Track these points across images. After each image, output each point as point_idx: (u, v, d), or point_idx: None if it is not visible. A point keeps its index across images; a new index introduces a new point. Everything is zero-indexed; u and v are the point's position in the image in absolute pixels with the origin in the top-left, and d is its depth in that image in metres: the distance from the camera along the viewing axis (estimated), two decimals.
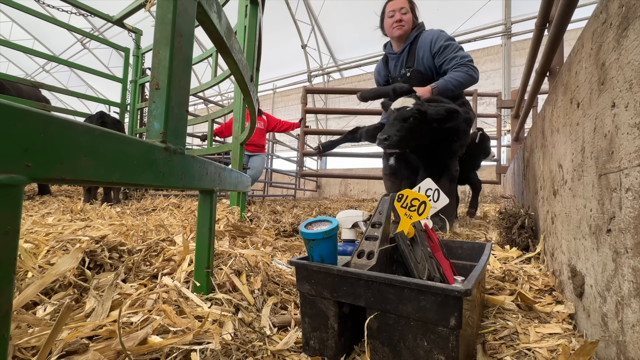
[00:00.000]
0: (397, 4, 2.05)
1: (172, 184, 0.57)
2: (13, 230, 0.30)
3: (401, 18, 2.02)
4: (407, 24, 2.05)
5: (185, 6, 0.57)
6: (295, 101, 12.35)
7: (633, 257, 0.51)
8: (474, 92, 4.41)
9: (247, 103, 1.38)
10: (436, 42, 1.96)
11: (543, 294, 1.04)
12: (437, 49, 1.95)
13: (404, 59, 2.12)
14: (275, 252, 1.50)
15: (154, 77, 0.55)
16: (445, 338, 0.54)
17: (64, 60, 3.39)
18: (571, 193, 0.88)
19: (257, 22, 1.55)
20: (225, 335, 0.67)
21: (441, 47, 1.94)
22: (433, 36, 1.99)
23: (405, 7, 2.05)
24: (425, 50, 1.99)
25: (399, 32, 2.06)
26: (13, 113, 0.29)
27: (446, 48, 1.93)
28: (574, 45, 0.88)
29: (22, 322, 0.62)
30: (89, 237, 1.09)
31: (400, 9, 2.04)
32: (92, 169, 0.38)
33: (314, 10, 9.87)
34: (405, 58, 2.11)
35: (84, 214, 2.00)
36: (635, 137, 0.51)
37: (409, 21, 2.05)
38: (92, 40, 11.07)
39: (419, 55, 2.04)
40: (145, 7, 2.45)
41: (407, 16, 2.03)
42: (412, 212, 0.92)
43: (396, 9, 2.04)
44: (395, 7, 2.04)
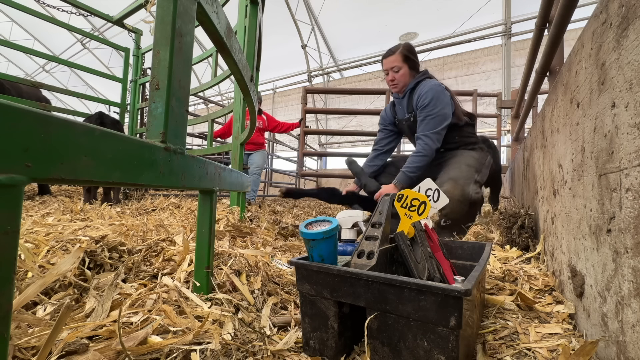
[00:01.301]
0: (388, 63, 2.05)
1: (172, 184, 0.57)
2: (13, 230, 0.30)
3: (393, 78, 2.04)
4: (401, 82, 2.07)
5: (185, 6, 0.57)
6: (295, 101, 12.35)
7: (633, 257, 0.51)
8: (474, 92, 4.41)
9: (247, 103, 1.38)
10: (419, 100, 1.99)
11: (543, 294, 1.05)
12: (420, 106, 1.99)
13: (404, 105, 2.15)
14: (275, 252, 1.50)
15: (154, 77, 0.55)
16: (445, 338, 0.54)
17: (64, 60, 3.39)
18: (571, 193, 0.88)
19: (257, 22, 1.55)
20: (225, 335, 0.67)
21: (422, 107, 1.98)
22: (419, 94, 2.01)
23: (396, 65, 2.04)
24: (418, 103, 2.02)
25: (394, 90, 2.12)
26: (13, 113, 0.29)
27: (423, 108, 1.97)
28: (574, 45, 0.88)
29: (22, 322, 0.62)
30: (89, 237, 1.09)
31: (392, 68, 2.04)
32: (92, 169, 0.38)
33: (314, 10, 9.87)
34: (406, 104, 2.14)
35: (84, 214, 2.00)
36: (635, 137, 0.51)
37: (401, 79, 2.06)
38: (92, 40, 11.08)
39: (414, 104, 2.06)
40: (146, 8, 2.45)
41: (400, 74, 2.03)
42: (412, 212, 0.92)
43: (388, 68, 2.06)
44: (387, 67, 2.06)
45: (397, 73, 2.04)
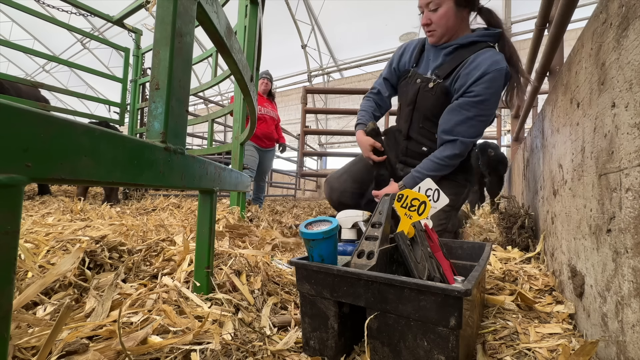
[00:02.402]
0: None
1: (172, 184, 0.57)
2: (13, 230, 0.30)
3: (429, 20, 1.34)
4: (440, 27, 1.34)
5: (185, 6, 0.57)
6: (295, 101, 12.35)
7: (633, 257, 0.51)
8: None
9: (247, 103, 1.38)
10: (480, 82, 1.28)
11: (543, 294, 1.05)
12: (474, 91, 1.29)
13: (441, 61, 1.41)
14: (275, 252, 1.50)
15: (154, 77, 0.55)
16: (445, 338, 0.54)
17: (64, 60, 3.39)
18: (571, 193, 0.88)
19: (257, 22, 1.55)
20: (225, 335, 0.67)
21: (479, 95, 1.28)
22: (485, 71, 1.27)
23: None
24: (469, 77, 1.30)
25: (431, 39, 1.41)
26: (13, 113, 0.29)
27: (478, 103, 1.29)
28: (574, 45, 0.88)
29: (22, 322, 0.62)
30: (89, 237, 1.09)
31: (428, 4, 1.33)
32: (92, 169, 0.38)
33: (314, 10, 9.87)
34: (442, 62, 1.41)
35: (84, 214, 2.00)
36: (635, 137, 0.51)
37: (441, 21, 1.33)
38: (92, 40, 11.07)
39: (461, 71, 1.33)
40: (146, 8, 2.45)
41: (439, 13, 1.31)
42: (412, 212, 0.92)
43: (422, 4, 1.35)
44: (422, 2, 1.35)
45: (435, 13, 1.32)
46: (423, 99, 1.43)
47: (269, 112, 3.75)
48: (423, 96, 1.42)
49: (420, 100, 1.44)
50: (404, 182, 1.47)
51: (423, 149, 1.50)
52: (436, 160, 1.39)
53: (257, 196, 3.98)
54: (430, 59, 1.46)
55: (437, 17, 1.32)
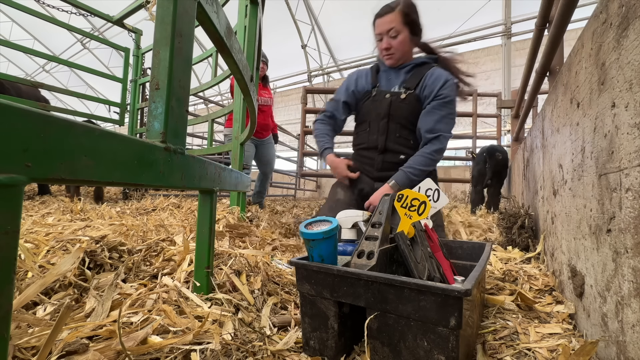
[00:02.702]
0: (384, 24, 1.50)
1: (172, 184, 0.57)
2: (13, 230, 0.30)
3: (389, 45, 1.51)
4: (399, 51, 1.54)
5: (185, 6, 0.57)
6: (295, 101, 12.35)
7: (633, 257, 0.51)
8: (474, 92, 4.41)
9: (247, 103, 1.38)
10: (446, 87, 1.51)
11: (543, 294, 1.05)
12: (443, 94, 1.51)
13: (404, 77, 1.61)
14: (275, 252, 1.50)
15: (154, 77, 0.55)
16: (445, 338, 0.54)
17: (64, 60, 3.39)
18: (571, 193, 0.88)
19: (257, 22, 1.55)
20: (225, 335, 0.67)
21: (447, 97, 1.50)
22: (447, 79, 1.52)
23: (394, 27, 1.48)
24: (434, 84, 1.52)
25: (389, 62, 1.59)
26: (13, 113, 0.29)
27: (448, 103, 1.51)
28: (574, 45, 0.88)
29: (22, 322, 0.62)
30: (89, 237, 1.09)
31: (388, 32, 1.49)
32: (92, 169, 0.38)
33: (314, 10, 9.87)
34: (402, 77, 1.61)
35: (84, 214, 2.00)
36: (635, 137, 0.51)
37: (399, 47, 1.53)
38: (92, 40, 11.07)
39: (425, 82, 1.54)
40: (146, 8, 2.45)
41: (398, 40, 1.51)
42: (412, 212, 0.92)
43: (383, 32, 1.51)
44: (382, 30, 1.51)
45: (395, 39, 1.51)
46: (398, 110, 1.58)
47: (266, 101, 3.54)
48: (397, 107, 1.58)
49: (395, 111, 1.58)
50: (394, 179, 1.52)
51: (401, 157, 1.62)
52: (426, 155, 1.51)
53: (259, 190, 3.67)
54: (390, 78, 1.65)
55: (397, 43, 1.53)
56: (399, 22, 1.50)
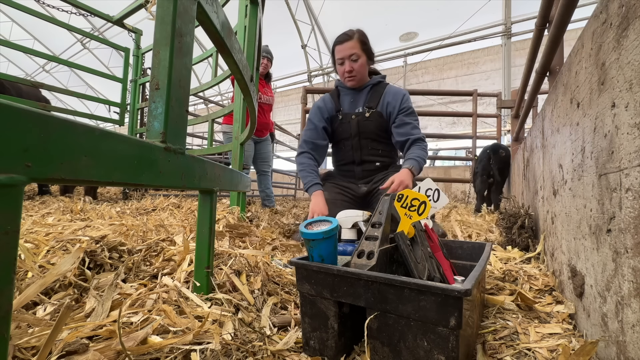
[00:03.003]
0: (345, 50, 1.70)
1: (172, 184, 0.57)
2: (13, 230, 0.30)
3: (351, 68, 1.72)
4: (360, 73, 1.76)
5: (185, 6, 0.57)
6: (295, 101, 12.35)
7: (633, 257, 0.51)
8: (474, 92, 4.41)
9: (247, 103, 1.38)
10: (406, 101, 1.79)
11: (543, 294, 1.05)
12: (406, 107, 1.77)
13: (364, 98, 1.83)
14: (275, 252, 1.50)
15: (154, 77, 0.55)
16: (445, 338, 0.54)
17: (64, 60, 3.39)
18: (571, 193, 0.88)
19: (257, 22, 1.55)
20: (225, 335, 0.67)
21: (410, 108, 1.78)
22: (404, 93, 1.81)
23: (355, 52, 1.70)
24: (395, 101, 1.77)
25: (351, 83, 1.79)
26: (13, 113, 0.29)
27: (412, 113, 1.78)
28: (574, 45, 0.88)
29: (22, 322, 0.62)
30: (89, 237, 1.09)
31: (350, 57, 1.71)
32: (92, 169, 0.38)
33: (314, 10, 9.87)
34: (366, 97, 1.82)
35: (84, 214, 2.00)
36: (635, 137, 0.51)
37: (360, 69, 1.75)
38: (92, 40, 11.07)
39: (385, 99, 1.79)
40: (146, 8, 2.45)
41: (359, 63, 1.72)
42: (412, 212, 0.92)
43: (345, 56, 1.71)
44: (344, 55, 1.71)
45: (356, 63, 1.72)
46: (365, 127, 1.80)
47: (268, 99, 3.49)
48: (364, 125, 1.80)
49: (363, 128, 1.80)
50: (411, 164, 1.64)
51: (377, 165, 1.85)
52: (421, 148, 1.72)
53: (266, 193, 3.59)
54: (352, 100, 1.86)
55: (358, 66, 1.74)
56: (359, 48, 1.71)
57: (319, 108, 1.89)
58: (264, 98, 3.47)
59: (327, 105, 1.89)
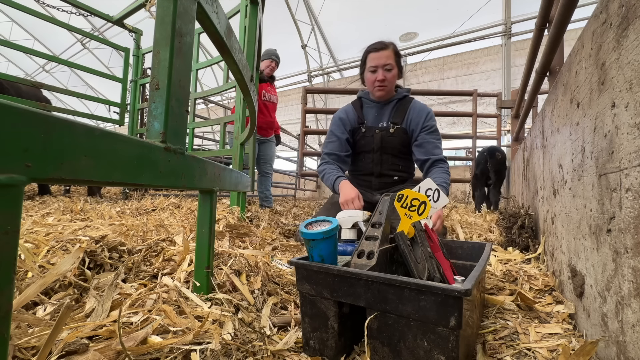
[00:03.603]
0: (381, 58, 1.68)
1: (172, 184, 0.57)
2: (13, 230, 0.30)
3: (384, 77, 1.69)
4: (390, 84, 1.73)
5: (185, 6, 0.57)
6: (295, 101, 12.35)
7: (633, 257, 0.51)
8: (474, 92, 4.41)
9: (247, 103, 1.38)
10: (430, 119, 1.78)
11: (543, 294, 1.05)
12: (429, 125, 1.75)
13: (389, 112, 1.80)
14: (275, 252, 1.50)
15: (154, 77, 0.55)
16: (445, 338, 0.54)
17: (64, 60, 3.39)
18: (571, 193, 0.88)
19: (257, 22, 1.55)
20: (225, 335, 0.67)
21: (433, 127, 1.77)
22: (428, 111, 1.80)
23: (390, 62, 1.68)
24: (420, 118, 1.76)
25: (380, 93, 1.75)
26: (13, 113, 0.29)
27: (435, 132, 1.78)
28: (574, 45, 0.88)
29: (22, 322, 0.62)
30: (89, 237, 1.09)
31: (384, 66, 1.68)
32: (92, 169, 0.38)
33: (314, 10, 9.87)
34: (392, 112, 1.80)
35: (84, 214, 2.00)
36: (635, 137, 0.51)
37: (392, 80, 1.73)
38: (92, 40, 11.06)
39: (410, 116, 1.77)
40: (145, 7, 2.45)
41: (391, 74, 1.70)
42: (412, 212, 0.92)
43: (379, 65, 1.68)
44: (378, 63, 1.69)
45: (389, 73, 1.70)
46: (388, 143, 1.79)
47: (272, 98, 3.48)
48: (388, 140, 1.79)
49: (386, 144, 1.79)
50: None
51: (394, 179, 1.85)
52: (445, 169, 1.72)
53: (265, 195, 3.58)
54: (377, 114, 1.83)
55: (391, 77, 1.71)
56: (393, 60, 1.70)
57: (341, 120, 1.85)
58: (267, 96, 3.45)
59: (350, 117, 1.85)
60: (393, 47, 1.71)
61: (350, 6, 9.23)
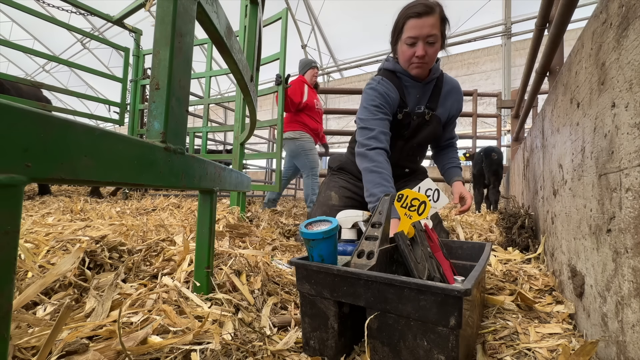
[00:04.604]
0: (424, 27, 1.27)
1: (172, 184, 0.57)
2: (13, 230, 0.30)
3: (424, 53, 1.32)
4: (432, 61, 1.38)
5: (185, 6, 0.57)
6: None
7: (633, 257, 0.51)
8: (474, 92, 4.41)
9: (247, 103, 1.38)
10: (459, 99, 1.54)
11: (543, 294, 1.05)
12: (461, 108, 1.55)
13: (427, 94, 1.49)
14: (275, 252, 1.50)
15: (154, 77, 0.55)
16: (445, 338, 0.54)
17: (64, 60, 3.38)
18: (571, 193, 0.88)
19: (257, 22, 1.55)
20: (225, 335, 0.67)
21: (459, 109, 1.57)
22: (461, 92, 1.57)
23: (435, 33, 1.29)
24: (460, 104, 1.54)
25: (418, 71, 1.40)
26: (13, 113, 0.29)
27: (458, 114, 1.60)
28: (574, 45, 0.88)
29: (22, 322, 0.62)
30: (89, 237, 1.09)
31: (427, 37, 1.29)
32: (92, 169, 0.38)
33: (314, 10, 9.88)
34: (429, 95, 1.49)
35: (84, 214, 2.00)
36: (635, 137, 0.51)
37: (434, 56, 1.36)
38: (92, 40, 11.07)
39: (446, 100, 1.51)
40: (145, 7, 2.45)
41: (434, 48, 1.33)
42: (412, 212, 0.92)
43: (421, 35, 1.29)
44: (420, 33, 1.28)
45: (432, 47, 1.32)
46: (420, 132, 1.54)
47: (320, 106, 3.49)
48: (421, 129, 1.53)
49: (418, 133, 1.54)
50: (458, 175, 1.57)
51: (406, 170, 1.68)
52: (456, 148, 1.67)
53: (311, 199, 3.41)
54: (417, 96, 1.50)
55: (433, 52, 1.35)
56: (438, 29, 1.30)
57: (388, 96, 1.44)
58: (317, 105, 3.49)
59: (392, 98, 1.45)
60: (440, 11, 1.30)
61: (350, 6, 9.24)
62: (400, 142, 1.55)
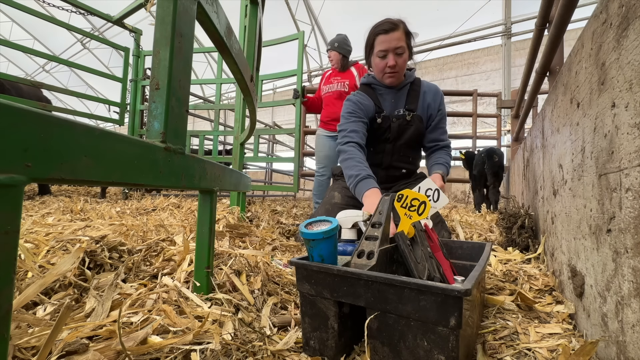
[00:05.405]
0: (391, 41, 1.46)
1: (172, 184, 0.57)
2: (13, 230, 0.30)
3: (395, 63, 1.49)
4: (402, 69, 1.54)
5: (185, 6, 0.57)
6: None
7: (633, 257, 0.51)
8: (474, 92, 4.41)
9: (247, 103, 1.38)
10: (442, 102, 1.66)
11: (543, 294, 1.05)
12: (442, 110, 1.65)
13: (403, 97, 1.63)
14: (275, 252, 1.50)
15: (154, 77, 0.55)
16: (445, 338, 0.54)
17: (64, 60, 3.39)
18: (571, 193, 0.88)
19: (257, 22, 1.55)
20: (225, 335, 0.67)
21: (444, 111, 1.66)
22: (441, 94, 1.67)
23: (401, 45, 1.47)
24: (436, 102, 1.63)
25: (391, 80, 1.56)
26: (13, 113, 0.29)
27: (445, 117, 1.68)
28: (574, 45, 0.88)
29: (22, 322, 0.62)
30: (89, 237, 1.09)
31: (396, 50, 1.47)
32: (92, 169, 0.38)
33: (314, 10, 9.87)
34: (404, 99, 1.62)
35: (84, 214, 2.00)
36: (635, 137, 0.51)
37: (404, 65, 1.53)
38: (92, 40, 11.07)
39: (424, 100, 1.62)
40: (145, 7, 2.44)
41: (403, 58, 1.50)
42: (412, 212, 0.92)
43: (390, 48, 1.47)
44: (389, 47, 1.47)
45: (400, 57, 1.49)
46: (404, 132, 1.63)
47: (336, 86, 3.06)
48: (404, 130, 1.63)
49: (401, 133, 1.63)
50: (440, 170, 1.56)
51: (402, 171, 1.73)
52: (448, 154, 1.67)
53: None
54: (392, 100, 1.65)
55: (402, 61, 1.52)
56: (404, 41, 1.49)
57: (361, 103, 1.60)
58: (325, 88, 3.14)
59: (365, 105, 1.61)
60: (403, 27, 1.50)
61: (351, 6, 9.24)
62: (388, 145, 1.66)
